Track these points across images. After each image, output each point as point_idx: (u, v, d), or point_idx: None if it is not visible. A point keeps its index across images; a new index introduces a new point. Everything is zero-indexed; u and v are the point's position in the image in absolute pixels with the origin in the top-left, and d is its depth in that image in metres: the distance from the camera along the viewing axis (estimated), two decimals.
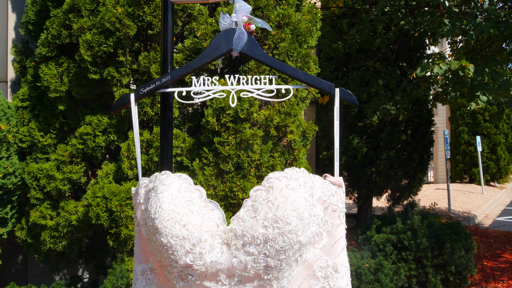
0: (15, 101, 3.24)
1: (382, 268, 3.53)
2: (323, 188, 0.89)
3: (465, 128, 17.26)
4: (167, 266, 0.83)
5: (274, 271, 0.80)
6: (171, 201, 0.82)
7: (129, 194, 2.81)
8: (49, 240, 3.00)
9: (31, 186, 3.02)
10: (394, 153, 7.48)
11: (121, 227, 2.78)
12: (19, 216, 3.29)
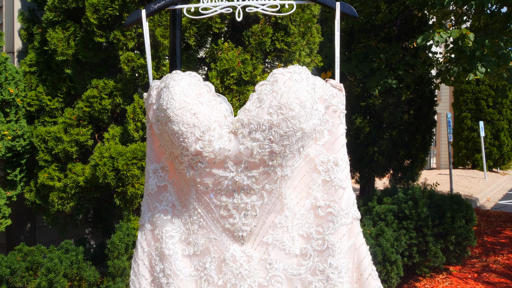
0: (23, 66, 3.30)
1: (383, 233, 3.60)
2: (324, 89, 0.94)
3: (468, 114, 17.22)
4: (178, 156, 0.88)
5: (278, 158, 0.85)
6: (182, 93, 0.87)
7: (135, 154, 2.87)
8: (57, 201, 3.07)
9: (39, 148, 3.08)
10: (396, 133, 7.51)
11: (127, 185, 2.85)
12: (27, 180, 3.36)
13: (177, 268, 0.91)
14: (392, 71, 5.43)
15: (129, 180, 2.83)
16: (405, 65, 4.92)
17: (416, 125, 7.60)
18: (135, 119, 2.97)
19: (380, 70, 5.06)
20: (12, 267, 2.77)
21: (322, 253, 0.88)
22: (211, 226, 0.90)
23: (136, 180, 2.86)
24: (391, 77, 4.78)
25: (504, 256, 5.28)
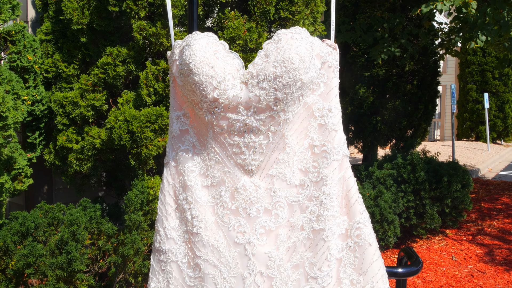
0: (39, 35, 3.45)
1: (382, 195, 3.80)
2: (321, 47, 1.11)
3: (474, 86, 17.19)
4: (198, 103, 1.06)
5: (281, 103, 1.03)
6: (202, 49, 1.05)
7: (148, 117, 3.05)
8: (75, 162, 3.27)
9: (57, 112, 3.27)
10: (399, 103, 7.64)
11: (141, 147, 3.04)
12: (46, 143, 3.56)
13: (197, 196, 1.10)
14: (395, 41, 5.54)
15: (143, 142, 3.03)
16: (408, 35, 5.02)
17: (419, 95, 7.72)
18: (147, 84, 3.14)
19: (383, 39, 5.17)
20: (36, 222, 3.00)
21: (317, 183, 1.07)
22: (226, 161, 1.09)
23: (150, 142, 3.06)
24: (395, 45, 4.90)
25: (499, 220, 5.49)
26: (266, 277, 1.04)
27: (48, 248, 2.83)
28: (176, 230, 1.13)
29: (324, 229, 1.04)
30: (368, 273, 1.05)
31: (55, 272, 2.63)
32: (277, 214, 1.06)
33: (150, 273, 1.18)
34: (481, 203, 6.40)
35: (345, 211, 1.08)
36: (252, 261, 1.04)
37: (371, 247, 1.06)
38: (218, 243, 1.07)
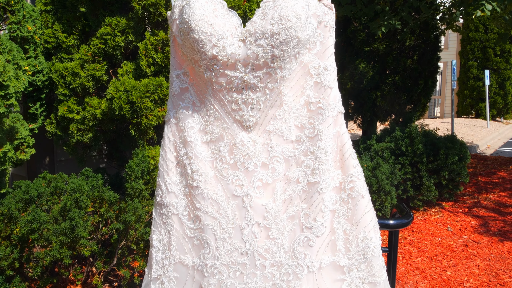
0: (38, 5, 3.44)
1: (380, 166, 3.85)
2: (317, 7, 1.13)
3: (475, 63, 17.10)
4: (197, 60, 1.09)
5: (278, 61, 1.06)
6: (201, 7, 1.07)
7: (148, 88, 3.07)
8: (76, 132, 3.31)
9: (58, 83, 3.29)
10: (399, 78, 7.63)
11: (141, 117, 3.08)
12: (47, 114, 3.60)
13: (197, 151, 1.14)
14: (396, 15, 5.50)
15: (143, 112, 3.06)
16: (409, 8, 5.00)
17: (419, 71, 7.70)
18: (146, 55, 3.15)
19: (384, 13, 5.14)
20: (39, 190, 3.05)
21: (313, 138, 1.11)
22: (224, 117, 1.12)
23: (150, 112, 3.09)
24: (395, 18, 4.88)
25: (495, 194, 5.56)
26: (263, 227, 1.09)
27: (52, 216, 2.89)
28: (177, 184, 1.17)
29: (318, 181, 1.08)
30: (360, 223, 1.10)
31: (59, 238, 2.69)
32: (273, 168, 1.10)
33: (152, 226, 1.23)
34: (478, 177, 6.46)
35: (339, 165, 1.12)
36: (249, 213, 1.09)
37: (363, 199, 1.11)
38: (217, 196, 1.11)
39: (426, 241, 4.13)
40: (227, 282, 1.09)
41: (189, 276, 1.14)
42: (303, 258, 1.07)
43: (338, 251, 1.09)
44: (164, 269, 1.17)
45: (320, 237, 1.08)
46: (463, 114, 17.92)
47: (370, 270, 1.09)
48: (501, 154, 9.72)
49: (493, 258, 3.82)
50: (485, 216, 4.77)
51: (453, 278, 3.53)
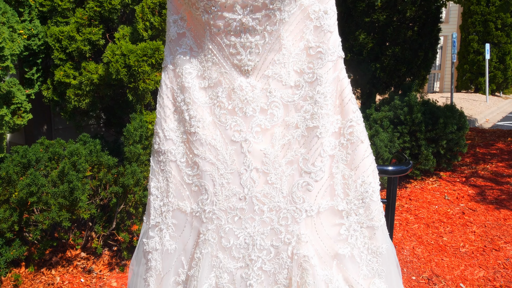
0: None
1: (378, 134, 3.84)
2: None
3: (476, 37, 16.94)
4: (195, 3, 1.07)
5: (277, 2, 1.03)
6: None
7: (145, 52, 3.03)
8: (74, 98, 3.29)
9: (54, 47, 3.25)
10: (399, 50, 7.56)
11: (139, 81, 3.05)
12: (43, 80, 3.56)
13: (195, 97, 1.12)
14: None
15: (140, 76, 3.03)
16: None
17: (420, 42, 7.62)
18: (143, 18, 3.10)
19: None
20: (37, 155, 3.04)
21: (312, 83, 1.09)
22: (223, 62, 1.10)
23: (147, 76, 3.06)
24: None
25: (493, 164, 5.58)
26: (261, 172, 1.08)
27: (50, 179, 2.89)
28: (174, 131, 1.16)
29: (318, 126, 1.07)
30: (359, 168, 1.09)
31: (57, 201, 2.70)
32: (272, 114, 1.09)
33: (150, 174, 1.22)
34: (476, 148, 6.48)
35: (339, 111, 1.11)
36: (248, 158, 1.08)
37: (363, 144, 1.10)
38: (215, 142, 1.10)
39: (423, 209, 4.16)
40: (225, 227, 1.09)
41: (188, 223, 1.14)
42: (302, 203, 1.06)
43: (336, 196, 1.08)
44: (163, 216, 1.17)
45: (319, 181, 1.07)
46: (463, 88, 17.84)
47: (369, 215, 1.09)
48: (499, 128, 9.72)
49: (489, 225, 3.86)
50: (482, 186, 4.80)
51: (449, 243, 3.57)
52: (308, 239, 1.06)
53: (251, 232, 1.08)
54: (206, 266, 1.10)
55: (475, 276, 3.13)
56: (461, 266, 3.25)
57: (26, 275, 3.02)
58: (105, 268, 3.15)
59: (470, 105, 14.30)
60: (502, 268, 3.22)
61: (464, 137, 4.74)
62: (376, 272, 1.09)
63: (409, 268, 3.23)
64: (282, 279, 1.06)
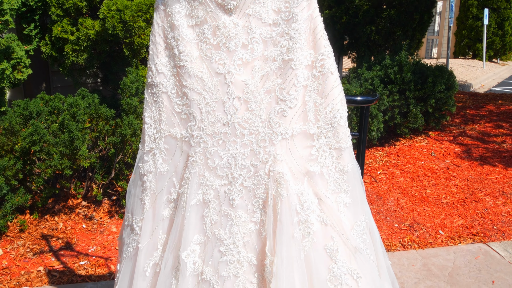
0: None
1: None
2: None
3: (475, 2, 16.78)
4: None
5: None
6: None
7: (140, 7, 3.12)
8: (71, 53, 3.39)
9: (51, 3, 3.32)
10: (394, 12, 7.57)
11: (134, 36, 3.14)
12: (41, 37, 3.65)
13: (183, 34, 1.25)
14: None
15: (136, 31, 3.13)
16: None
17: (416, 5, 7.62)
18: None
19: None
20: (37, 109, 3.18)
21: (288, 21, 1.22)
22: (208, 2, 1.22)
23: (142, 31, 3.15)
24: None
25: (481, 124, 5.73)
26: (242, 101, 1.22)
27: (51, 131, 3.03)
28: (165, 65, 1.29)
29: (292, 59, 1.20)
30: (329, 96, 1.23)
31: (59, 149, 2.85)
32: (252, 48, 1.22)
33: (144, 105, 1.36)
34: (467, 110, 6.61)
35: (312, 46, 1.24)
36: (231, 88, 1.22)
37: (332, 76, 1.23)
38: (202, 74, 1.24)
39: (410, 164, 4.33)
40: (211, 149, 1.24)
41: (178, 147, 1.29)
42: (278, 127, 1.21)
43: (308, 121, 1.23)
44: (156, 142, 1.32)
45: (293, 108, 1.21)
46: (460, 55, 17.80)
47: (336, 137, 1.23)
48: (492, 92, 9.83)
49: (471, 179, 4.04)
50: (469, 144, 4.96)
51: (431, 195, 3.75)
52: (283, 158, 1.21)
53: (234, 153, 1.23)
54: (194, 184, 1.25)
55: (454, 224, 3.33)
56: (441, 215, 3.44)
57: (31, 221, 3.20)
58: (105, 216, 3.33)
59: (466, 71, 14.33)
60: (480, 217, 3.41)
61: (452, 97, 4.87)
62: (342, 187, 1.25)
63: (392, 217, 3.42)
64: (260, 193, 1.22)
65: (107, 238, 3.09)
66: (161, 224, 1.32)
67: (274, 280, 1.16)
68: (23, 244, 2.98)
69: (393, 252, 2.95)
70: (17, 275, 2.69)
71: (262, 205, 1.22)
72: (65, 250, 2.95)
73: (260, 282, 1.23)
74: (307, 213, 1.19)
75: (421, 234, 3.18)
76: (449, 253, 2.96)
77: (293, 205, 1.19)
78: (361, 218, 1.27)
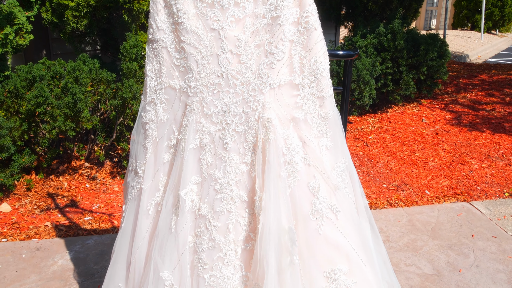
0: None
1: (361, 58, 4.08)
2: None
3: None
4: None
5: None
6: None
7: None
8: (72, 19, 3.48)
9: None
10: None
11: (133, 2, 3.23)
12: (42, 3, 3.72)
13: None
14: None
15: None
16: None
17: None
18: None
19: None
20: (39, 74, 3.29)
21: None
22: None
23: None
24: None
25: (473, 93, 5.86)
26: (235, 54, 1.35)
27: (55, 94, 3.16)
28: (165, 23, 1.42)
29: (280, 16, 1.33)
30: (312, 50, 1.36)
31: (63, 111, 2.98)
32: (244, 6, 1.34)
33: (146, 60, 1.49)
34: (460, 79, 6.72)
35: (298, 4, 1.35)
36: (224, 43, 1.35)
37: (316, 31, 1.36)
38: (198, 30, 1.36)
39: (401, 130, 4.48)
40: (207, 99, 1.37)
41: (177, 97, 1.42)
42: (267, 77, 1.34)
43: (294, 72, 1.36)
44: (157, 93, 1.45)
45: (280, 61, 1.34)
46: (459, 26, 17.72)
47: (319, 87, 1.37)
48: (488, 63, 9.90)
49: (459, 144, 4.20)
50: (460, 111, 5.10)
51: (420, 158, 3.92)
52: (271, 106, 1.35)
53: (227, 102, 1.37)
54: (192, 130, 1.39)
55: (439, 185, 3.50)
56: (428, 176, 3.61)
57: (36, 181, 3.36)
58: (107, 176, 3.49)
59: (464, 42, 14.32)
60: (465, 178, 3.59)
61: (445, 65, 4.98)
62: (324, 132, 1.39)
63: (381, 178, 3.59)
64: (251, 137, 1.36)
65: (109, 196, 3.26)
66: (162, 167, 1.47)
67: (262, 213, 1.32)
68: (30, 202, 3.15)
69: (380, 210, 3.13)
70: (26, 229, 2.86)
71: (252, 148, 1.37)
72: (70, 207, 3.12)
73: (251, 216, 1.39)
74: (292, 155, 1.34)
75: (408, 193, 3.35)
76: (433, 210, 3.14)
77: (280, 148, 1.33)
78: (341, 160, 1.42)
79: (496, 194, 3.36)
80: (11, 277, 2.36)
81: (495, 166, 3.77)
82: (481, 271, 2.44)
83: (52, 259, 2.53)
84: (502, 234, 2.81)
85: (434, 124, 4.67)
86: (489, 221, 2.99)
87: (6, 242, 2.72)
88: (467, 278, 2.39)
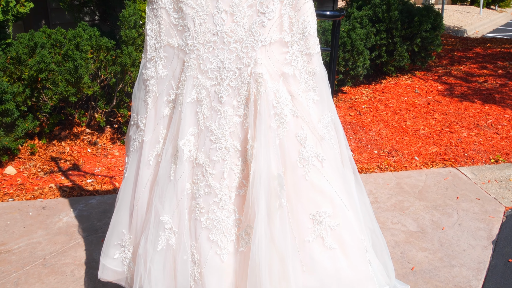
0: None
1: (355, 29, 4.15)
2: None
3: None
4: None
5: None
6: None
7: None
8: None
9: None
10: None
11: None
12: None
13: None
14: None
15: None
16: None
17: None
18: None
19: None
20: (40, 41, 3.37)
21: None
22: None
23: None
24: None
25: (467, 65, 5.95)
26: (229, 14, 1.44)
27: (56, 61, 3.25)
28: None
29: None
30: (301, 10, 1.46)
31: (64, 77, 3.08)
32: None
33: (146, 20, 1.59)
34: (455, 52, 6.80)
35: None
36: (219, 2, 1.44)
37: None
38: None
39: (393, 99, 4.60)
40: (203, 56, 1.48)
41: (175, 55, 1.53)
42: (258, 35, 1.44)
43: (284, 31, 1.46)
44: (156, 51, 1.56)
45: (271, 20, 1.44)
46: (458, 1, 17.61)
47: (307, 45, 1.48)
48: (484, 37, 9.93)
49: (450, 113, 4.32)
50: (452, 83, 5.20)
51: (411, 126, 4.04)
52: (262, 62, 1.46)
53: (222, 58, 1.47)
54: (189, 85, 1.51)
55: (428, 151, 3.63)
56: (418, 144, 3.74)
57: (40, 146, 3.48)
58: (108, 142, 3.61)
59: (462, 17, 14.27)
60: (453, 146, 3.72)
61: (439, 36, 5.06)
62: (311, 87, 1.51)
63: (373, 145, 3.72)
64: (244, 91, 1.48)
65: (110, 160, 3.39)
66: (161, 121, 1.59)
67: (254, 160, 1.44)
68: (34, 165, 3.28)
69: (370, 174, 3.27)
70: (31, 190, 3.00)
71: (245, 101, 1.48)
72: (73, 171, 3.25)
73: (244, 164, 1.51)
74: (282, 107, 1.46)
75: (398, 159, 3.49)
76: (421, 174, 3.28)
77: (270, 100, 1.45)
78: (327, 113, 1.54)
79: (483, 160, 3.50)
80: (19, 232, 2.51)
81: (483, 135, 3.90)
82: (462, 229, 2.59)
83: (57, 216, 2.67)
84: (486, 197, 2.96)
85: (426, 94, 4.78)
86: (474, 185, 3.13)
87: (13, 201, 2.85)
88: (449, 235, 2.54)
